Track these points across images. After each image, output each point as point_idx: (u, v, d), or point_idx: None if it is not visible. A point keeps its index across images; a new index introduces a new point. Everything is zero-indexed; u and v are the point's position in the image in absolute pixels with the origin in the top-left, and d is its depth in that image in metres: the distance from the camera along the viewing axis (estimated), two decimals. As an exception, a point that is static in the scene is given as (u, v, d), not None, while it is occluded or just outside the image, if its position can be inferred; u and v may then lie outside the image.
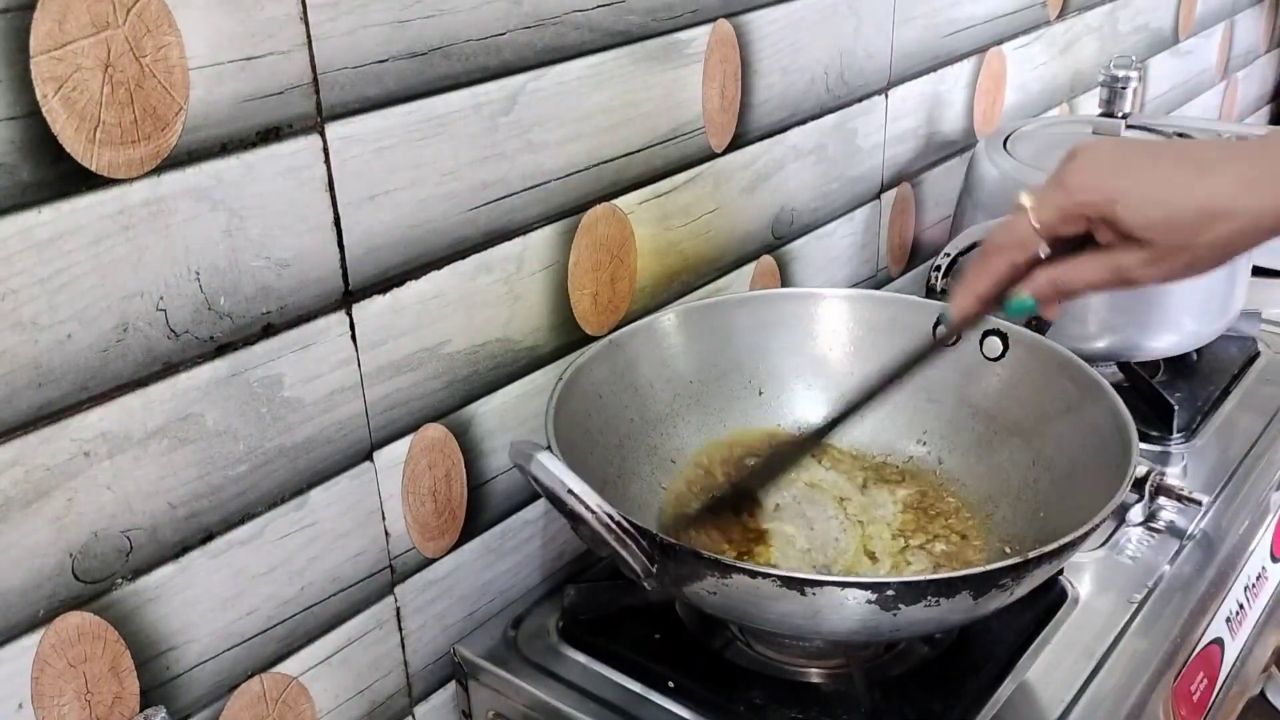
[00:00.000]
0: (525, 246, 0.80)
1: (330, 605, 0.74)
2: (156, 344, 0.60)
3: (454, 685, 0.85)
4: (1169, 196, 0.61)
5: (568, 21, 0.77)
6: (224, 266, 0.62)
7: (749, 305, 0.94)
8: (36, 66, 0.52)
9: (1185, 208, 0.61)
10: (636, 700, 0.77)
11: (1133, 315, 1.06)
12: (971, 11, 1.23)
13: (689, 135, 0.91)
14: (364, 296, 0.70)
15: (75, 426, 0.58)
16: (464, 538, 0.83)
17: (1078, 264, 0.65)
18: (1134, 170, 0.63)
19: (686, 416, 0.90)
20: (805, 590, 0.63)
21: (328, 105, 0.65)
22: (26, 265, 0.54)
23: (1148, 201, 0.62)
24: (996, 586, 0.65)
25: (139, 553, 0.62)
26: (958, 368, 0.90)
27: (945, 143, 1.28)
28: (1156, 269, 0.63)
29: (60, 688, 0.60)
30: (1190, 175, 0.62)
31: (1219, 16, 1.88)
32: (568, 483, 0.65)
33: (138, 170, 0.57)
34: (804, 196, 1.08)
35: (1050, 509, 0.79)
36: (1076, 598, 0.84)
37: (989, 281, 0.68)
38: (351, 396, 0.71)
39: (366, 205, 0.68)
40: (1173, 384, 1.12)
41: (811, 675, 0.79)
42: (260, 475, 0.67)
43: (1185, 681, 0.87)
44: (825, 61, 1.04)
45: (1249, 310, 1.17)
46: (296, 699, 0.74)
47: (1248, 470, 1.01)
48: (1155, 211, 0.61)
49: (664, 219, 0.92)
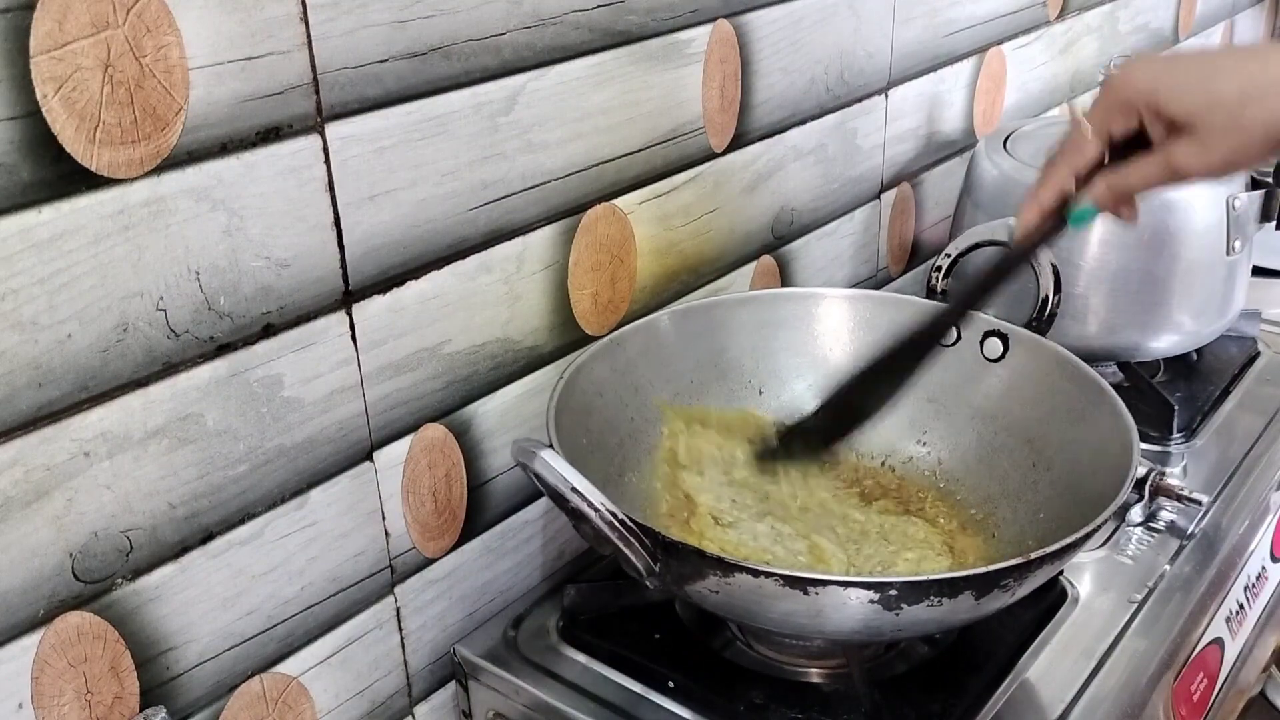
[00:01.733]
0: (525, 246, 0.80)
1: (330, 605, 0.74)
2: (156, 344, 0.60)
3: (454, 685, 0.85)
4: (1211, 79, 0.63)
5: (568, 21, 0.77)
6: (224, 266, 0.62)
7: (749, 305, 0.94)
8: (36, 66, 0.52)
9: (1228, 87, 0.62)
10: (636, 700, 0.77)
11: (1133, 315, 1.06)
12: (971, 11, 1.23)
13: (689, 135, 0.91)
14: (364, 296, 0.70)
15: (75, 426, 0.58)
16: (464, 538, 0.83)
17: (1132, 165, 0.66)
18: (1180, 64, 0.65)
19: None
20: (808, 590, 0.63)
21: (328, 105, 0.65)
22: (26, 265, 0.54)
23: (1191, 85, 0.63)
24: (999, 587, 0.65)
25: (139, 553, 0.62)
26: (959, 369, 0.90)
27: (945, 143, 1.28)
28: (1206, 156, 0.64)
29: (60, 688, 0.60)
30: (1232, 62, 0.64)
31: (1219, 16, 1.88)
32: (571, 480, 0.65)
33: (138, 170, 0.57)
34: (804, 196, 1.08)
35: (1051, 509, 0.79)
36: (1076, 598, 0.84)
37: (1052, 191, 0.69)
38: (351, 396, 0.71)
39: (366, 205, 0.68)
40: (1173, 384, 1.12)
41: (811, 675, 0.79)
42: (260, 475, 0.67)
43: (1185, 681, 0.87)
44: (825, 61, 1.04)
45: (1249, 310, 1.17)
46: (296, 699, 0.74)
47: (1248, 470, 1.01)
48: (1199, 93, 0.63)
49: (664, 219, 0.92)
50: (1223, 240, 1.06)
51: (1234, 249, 1.07)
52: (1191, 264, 1.05)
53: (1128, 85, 0.65)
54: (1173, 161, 0.65)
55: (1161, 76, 0.64)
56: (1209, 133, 0.63)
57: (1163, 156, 0.65)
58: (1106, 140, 0.67)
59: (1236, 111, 0.62)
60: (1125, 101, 0.66)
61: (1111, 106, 0.66)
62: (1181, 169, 0.65)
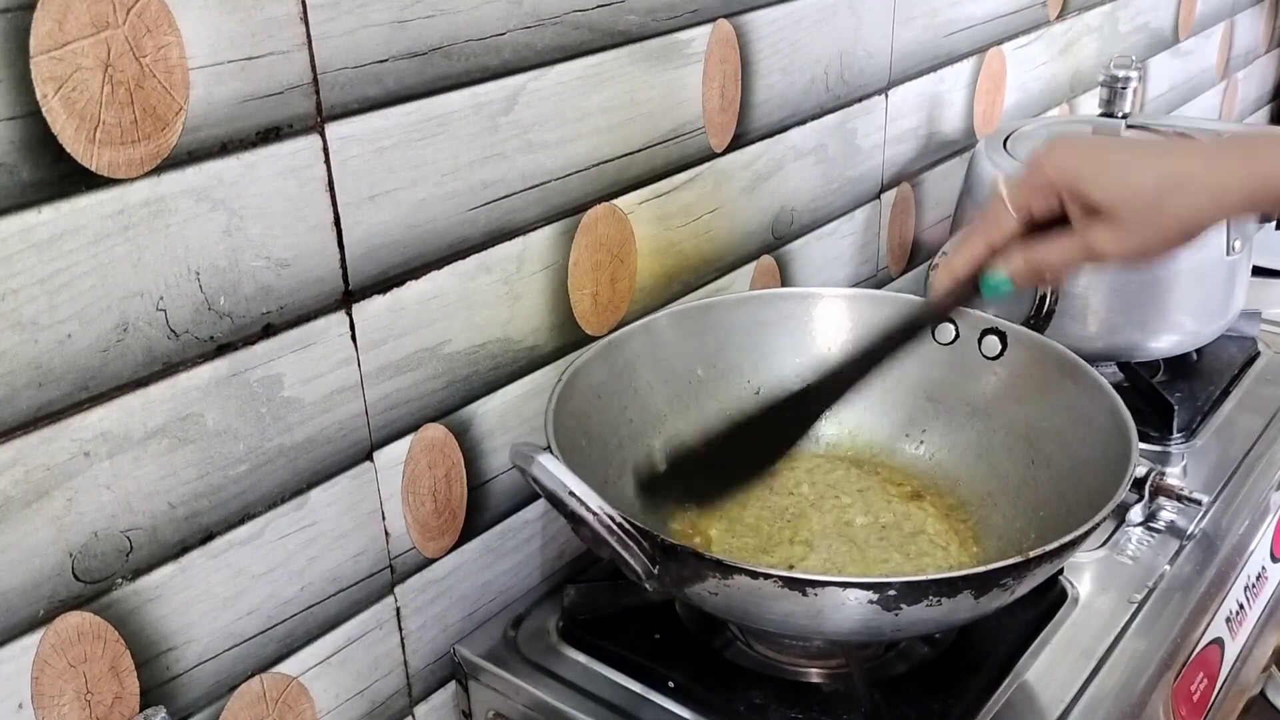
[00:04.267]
0: (525, 246, 0.80)
1: (330, 605, 0.74)
2: (156, 344, 0.60)
3: (454, 685, 0.85)
4: (1133, 168, 0.64)
5: (568, 21, 0.77)
6: (224, 266, 0.62)
7: (748, 305, 0.94)
8: (36, 66, 0.52)
9: (1148, 179, 0.64)
10: (636, 700, 0.77)
11: (1133, 315, 1.06)
12: (971, 11, 1.23)
13: (689, 135, 0.91)
14: (364, 296, 0.70)
15: (75, 426, 0.58)
16: (464, 538, 0.83)
17: (1050, 242, 0.68)
18: (1103, 151, 0.66)
19: (686, 416, 0.90)
20: (807, 590, 0.63)
21: (328, 105, 0.65)
22: (26, 265, 0.54)
23: (1113, 174, 0.65)
24: (998, 586, 0.65)
25: (139, 553, 0.62)
26: (957, 367, 0.90)
27: (945, 143, 1.28)
28: (1124, 243, 0.65)
29: (60, 688, 0.60)
30: (1156, 154, 0.66)
31: (1219, 16, 1.88)
32: (569, 484, 0.65)
33: (138, 170, 0.57)
34: (804, 196, 1.08)
35: (1050, 508, 0.79)
36: (1076, 598, 0.84)
37: (966, 261, 0.71)
38: (351, 396, 0.71)
39: (366, 205, 0.68)
40: (1173, 384, 1.12)
41: (811, 675, 0.79)
42: (260, 475, 0.67)
43: (1185, 681, 0.87)
44: (825, 61, 1.04)
45: (1249, 310, 1.17)
46: (296, 699, 0.74)
47: (1248, 470, 1.01)
48: (1120, 183, 0.64)
49: (664, 219, 0.92)
50: (1223, 240, 1.06)
51: (1234, 249, 1.07)
52: (1191, 264, 1.05)
53: (1051, 166, 0.67)
54: (1089, 244, 0.66)
55: (1085, 163, 0.65)
56: (1127, 220, 0.64)
57: (1080, 238, 0.66)
58: (1026, 217, 0.68)
59: (1154, 202, 0.64)
60: (1047, 183, 0.67)
61: (1033, 186, 0.68)
62: (1097, 252, 0.66)
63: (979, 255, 0.70)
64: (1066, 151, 0.67)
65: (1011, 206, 0.68)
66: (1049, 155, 0.67)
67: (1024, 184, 0.68)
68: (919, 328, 0.76)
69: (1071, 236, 0.67)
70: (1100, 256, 0.66)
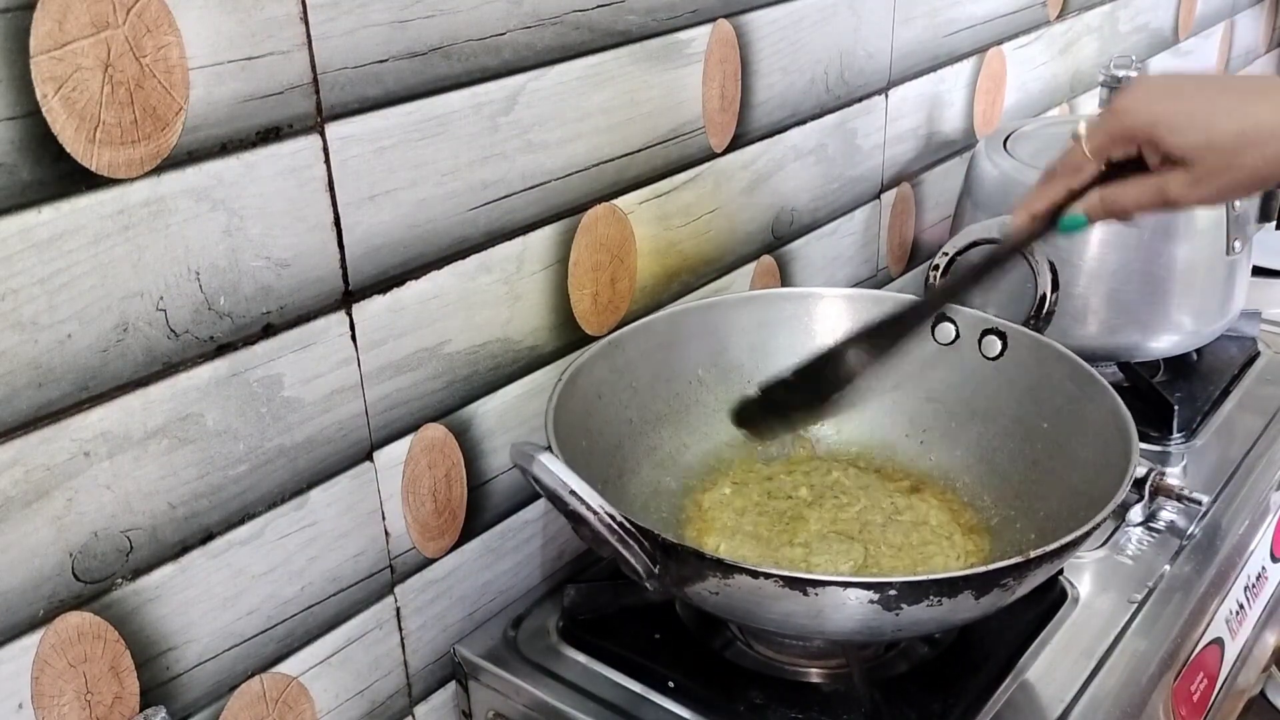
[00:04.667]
0: (525, 246, 0.80)
1: (330, 605, 0.74)
2: (156, 344, 0.60)
3: (454, 685, 0.85)
4: (1211, 120, 0.65)
5: (568, 21, 0.77)
6: (224, 266, 0.62)
7: (748, 305, 0.94)
8: (36, 66, 0.52)
9: (1226, 131, 0.64)
10: (636, 700, 0.77)
11: (1133, 315, 1.06)
12: (971, 11, 1.23)
13: (689, 135, 0.91)
14: (364, 296, 0.70)
15: (75, 426, 0.58)
16: (464, 538, 0.83)
17: (1126, 185, 0.69)
18: (1180, 96, 0.67)
19: (686, 416, 0.90)
20: (807, 590, 0.63)
21: (328, 105, 0.65)
22: (26, 265, 0.54)
23: (1190, 124, 0.65)
24: (998, 586, 0.65)
25: (139, 553, 0.62)
26: (957, 367, 0.90)
27: (945, 143, 1.28)
28: (1198, 190, 0.66)
29: (60, 688, 0.60)
30: (1233, 101, 0.66)
31: (1219, 16, 1.88)
32: (570, 484, 0.65)
33: (138, 170, 0.57)
34: (804, 196, 1.08)
35: (1050, 508, 0.79)
36: (1076, 598, 0.84)
37: (1045, 202, 0.72)
38: (351, 396, 0.71)
39: (366, 205, 0.68)
40: (1173, 384, 1.12)
41: (811, 675, 0.79)
42: (260, 475, 0.67)
43: (1185, 681, 0.87)
44: (825, 61, 1.04)
45: (1249, 310, 1.17)
46: (296, 699, 0.74)
47: (1248, 470, 1.01)
48: (1196, 134, 0.65)
49: (664, 219, 0.92)
50: (1222, 240, 1.06)
51: (1234, 249, 1.07)
52: (1191, 264, 1.05)
53: (1128, 113, 0.68)
54: (1166, 190, 0.67)
55: (1162, 112, 0.66)
56: (1204, 170, 0.65)
57: (1157, 183, 0.68)
58: (1104, 163, 0.70)
59: (1232, 154, 0.64)
60: (1126, 131, 0.68)
61: (1112, 134, 0.69)
62: (1174, 198, 0.67)
63: (1059, 198, 0.71)
64: (1145, 97, 0.67)
65: (1090, 153, 0.70)
66: (1125, 100, 0.68)
67: (1103, 130, 0.69)
68: (997, 264, 0.77)
69: (1148, 180, 0.68)
70: (1175, 203, 0.67)
